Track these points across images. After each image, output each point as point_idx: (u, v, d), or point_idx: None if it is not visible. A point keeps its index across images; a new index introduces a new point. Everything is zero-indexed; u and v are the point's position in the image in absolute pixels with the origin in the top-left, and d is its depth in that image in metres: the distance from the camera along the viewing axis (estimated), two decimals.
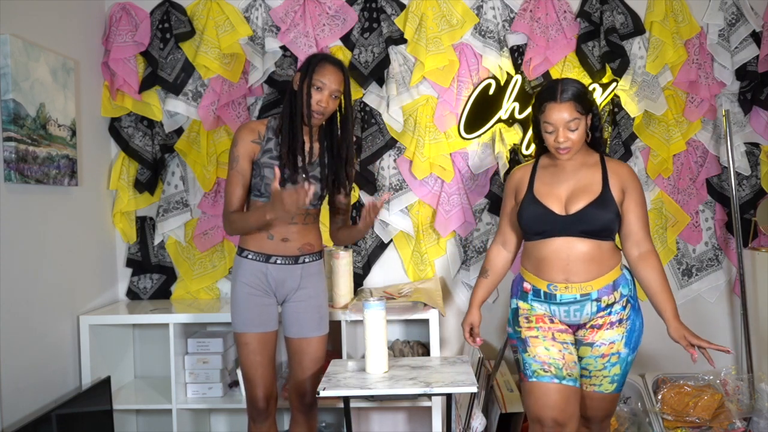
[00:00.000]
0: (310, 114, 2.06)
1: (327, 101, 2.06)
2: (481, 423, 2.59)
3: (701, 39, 2.93)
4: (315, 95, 2.05)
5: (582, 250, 1.89)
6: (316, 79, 2.04)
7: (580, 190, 1.92)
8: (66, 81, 2.55)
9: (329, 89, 2.05)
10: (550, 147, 1.95)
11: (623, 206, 1.93)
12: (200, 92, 2.95)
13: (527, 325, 1.97)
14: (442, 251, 2.99)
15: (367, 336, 1.99)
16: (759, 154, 2.95)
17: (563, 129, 1.88)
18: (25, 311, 2.32)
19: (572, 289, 1.90)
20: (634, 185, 1.94)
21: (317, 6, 2.93)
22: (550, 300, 1.93)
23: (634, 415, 2.71)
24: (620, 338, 1.92)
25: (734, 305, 2.99)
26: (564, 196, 1.93)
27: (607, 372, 1.94)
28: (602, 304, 1.91)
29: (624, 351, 1.93)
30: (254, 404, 2.15)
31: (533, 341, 1.93)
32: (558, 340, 1.92)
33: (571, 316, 1.93)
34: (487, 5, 2.92)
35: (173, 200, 2.98)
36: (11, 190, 2.26)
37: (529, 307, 1.98)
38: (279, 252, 2.11)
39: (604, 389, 1.97)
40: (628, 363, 1.96)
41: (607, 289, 1.91)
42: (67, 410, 2.28)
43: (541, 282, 1.94)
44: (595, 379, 1.96)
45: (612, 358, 1.92)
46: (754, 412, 2.67)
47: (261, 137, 2.11)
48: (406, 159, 2.95)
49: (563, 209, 1.91)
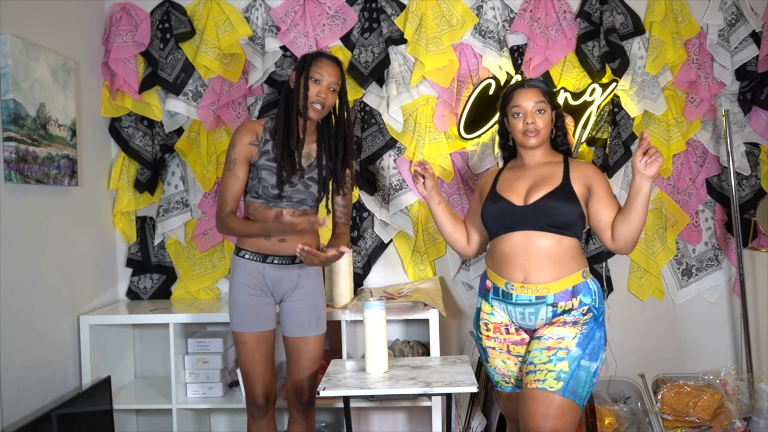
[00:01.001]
0: (308, 106, 2.05)
1: (326, 93, 2.07)
2: (481, 423, 2.59)
3: (701, 39, 2.93)
4: (313, 87, 2.05)
5: (541, 246, 1.87)
6: (314, 72, 2.05)
7: (540, 182, 1.95)
8: (66, 81, 2.55)
9: (327, 81, 2.06)
10: (518, 134, 1.99)
11: (592, 200, 1.91)
12: (200, 92, 2.95)
13: (486, 333, 2.00)
14: (442, 251, 2.99)
15: (367, 336, 1.99)
16: (759, 154, 2.95)
17: (531, 111, 1.97)
18: (25, 311, 2.32)
19: (528, 290, 1.88)
20: (600, 180, 1.94)
21: (317, 6, 2.93)
22: (507, 299, 1.93)
23: (634, 415, 2.71)
24: (572, 336, 1.81)
25: (734, 305, 2.99)
26: (524, 190, 1.96)
27: (552, 366, 1.78)
28: (558, 309, 1.86)
29: (575, 350, 1.79)
30: (253, 401, 2.16)
31: (491, 353, 2.01)
32: (513, 353, 1.97)
33: (527, 320, 1.91)
34: (487, 5, 2.92)
35: (173, 200, 2.98)
36: (11, 190, 2.26)
37: (489, 311, 1.99)
38: (276, 252, 2.12)
39: (548, 385, 1.75)
40: (582, 367, 1.78)
41: (564, 294, 1.86)
42: (67, 410, 2.28)
43: (500, 280, 1.94)
44: (539, 373, 1.79)
45: (559, 353, 1.79)
46: (754, 412, 2.67)
47: (259, 139, 2.10)
48: (406, 159, 2.95)
49: (522, 201, 1.94)
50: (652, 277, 2.95)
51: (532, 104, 1.97)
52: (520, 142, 2.02)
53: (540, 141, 1.99)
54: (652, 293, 2.98)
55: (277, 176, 2.08)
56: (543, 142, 2.00)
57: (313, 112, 2.07)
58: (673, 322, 3.00)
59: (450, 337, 3.01)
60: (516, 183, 2.00)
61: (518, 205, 1.93)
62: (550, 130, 2.02)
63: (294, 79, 2.09)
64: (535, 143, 1.98)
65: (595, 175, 1.95)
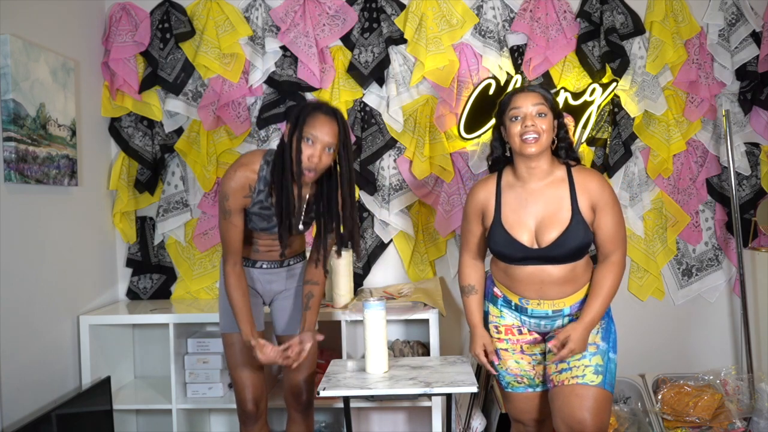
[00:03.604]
0: (300, 172, 1.85)
1: (320, 156, 1.85)
2: (481, 423, 2.59)
3: (701, 39, 2.93)
4: (306, 149, 1.84)
5: (556, 275, 1.84)
6: (307, 132, 1.84)
7: (549, 218, 1.82)
8: (66, 81, 2.55)
9: (322, 142, 1.84)
10: (516, 139, 1.81)
11: (594, 222, 1.84)
12: (200, 92, 2.95)
13: (497, 335, 1.98)
14: (442, 251, 2.99)
15: (367, 336, 1.99)
16: (759, 154, 2.95)
17: (531, 114, 1.80)
18: (25, 311, 2.31)
19: (544, 305, 1.88)
20: (605, 200, 1.82)
21: (317, 6, 2.92)
22: (521, 312, 1.92)
23: (634, 415, 2.71)
24: (595, 332, 1.85)
25: (734, 305, 2.99)
26: (533, 226, 1.84)
27: (587, 361, 1.81)
28: (574, 317, 1.88)
29: (602, 344, 1.84)
30: (243, 407, 2.13)
31: (504, 354, 1.97)
32: (527, 352, 1.95)
33: (542, 328, 1.93)
34: (487, 5, 2.92)
35: (173, 200, 2.98)
36: (11, 190, 2.26)
37: (499, 314, 1.97)
38: (265, 258, 2.11)
39: (588, 380, 1.79)
40: (611, 360, 1.84)
41: (579, 303, 1.89)
42: (67, 410, 2.27)
43: (513, 295, 1.92)
44: (576, 370, 1.81)
45: (590, 348, 1.83)
46: (754, 412, 2.67)
47: (252, 190, 1.95)
48: (406, 159, 2.95)
49: (534, 240, 1.83)
50: (653, 277, 2.95)
51: (531, 106, 1.80)
52: (518, 149, 1.82)
53: (540, 149, 1.80)
54: (652, 293, 2.97)
55: (279, 243, 1.99)
56: (543, 150, 1.82)
57: (304, 177, 1.87)
58: (673, 322, 3.00)
59: (450, 337, 3.01)
60: (522, 214, 1.85)
61: (531, 247, 1.83)
62: (551, 140, 1.83)
63: (288, 134, 1.88)
64: (535, 151, 1.79)
65: (599, 195, 1.83)
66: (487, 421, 2.64)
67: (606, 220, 1.83)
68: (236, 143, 2.97)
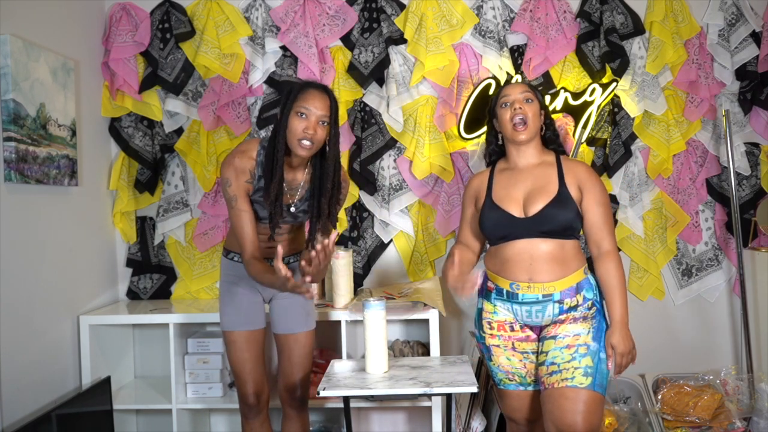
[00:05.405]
0: (295, 144, 1.90)
1: (314, 128, 1.90)
2: (481, 423, 2.59)
3: (701, 39, 2.93)
4: (301, 123, 1.89)
5: (545, 250, 1.89)
6: (300, 106, 1.89)
7: (537, 190, 1.93)
8: (66, 81, 2.55)
9: (315, 115, 1.90)
10: (507, 125, 1.96)
11: (582, 205, 1.93)
12: (200, 92, 2.95)
13: (489, 332, 2.00)
14: (442, 251, 2.99)
15: (367, 336, 1.99)
16: (759, 154, 2.95)
17: (519, 99, 1.96)
18: (25, 311, 2.32)
19: (534, 289, 1.90)
20: (591, 183, 1.93)
21: (317, 6, 2.93)
22: (512, 299, 1.93)
23: (634, 415, 2.71)
24: (586, 332, 1.87)
25: (734, 305, 2.99)
26: (521, 198, 1.94)
27: (577, 363, 1.83)
28: (564, 306, 1.90)
29: (593, 344, 1.86)
30: (245, 400, 2.17)
31: (496, 350, 2.00)
32: (518, 350, 1.97)
33: (533, 317, 1.93)
34: (487, 5, 2.92)
35: (173, 200, 2.98)
36: (11, 190, 2.26)
37: (492, 310, 1.99)
38: (264, 255, 2.11)
39: (578, 382, 1.80)
40: (602, 360, 1.85)
41: (570, 291, 1.90)
42: (67, 410, 2.27)
43: (503, 281, 1.94)
44: (565, 372, 1.83)
45: (580, 349, 1.85)
46: (754, 412, 2.67)
47: (252, 176, 1.99)
48: (406, 159, 2.95)
49: (522, 211, 1.92)
50: (652, 277, 2.95)
51: (519, 94, 1.97)
52: (509, 136, 1.97)
53: (529, 135, 1.94)
54: (652, 293, 2.97)
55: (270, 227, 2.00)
56: (532, 137, 1.96)
57: (301, 149, 1.91)
58: (673, 322, 3.00)
59: (450, 337, 3.01)
60: (512, 190, 1.97)
61: (518, 216, 1.92)
62: (539, 126, 1.99)
63: (281, 111, 1.94)
64: (525, 138, 1.94)
65: (586, 178, 1.94)
66: (487, 421, 2.64)
67: (592, 203, 1.92)
68: (236, 143, 2.97)
